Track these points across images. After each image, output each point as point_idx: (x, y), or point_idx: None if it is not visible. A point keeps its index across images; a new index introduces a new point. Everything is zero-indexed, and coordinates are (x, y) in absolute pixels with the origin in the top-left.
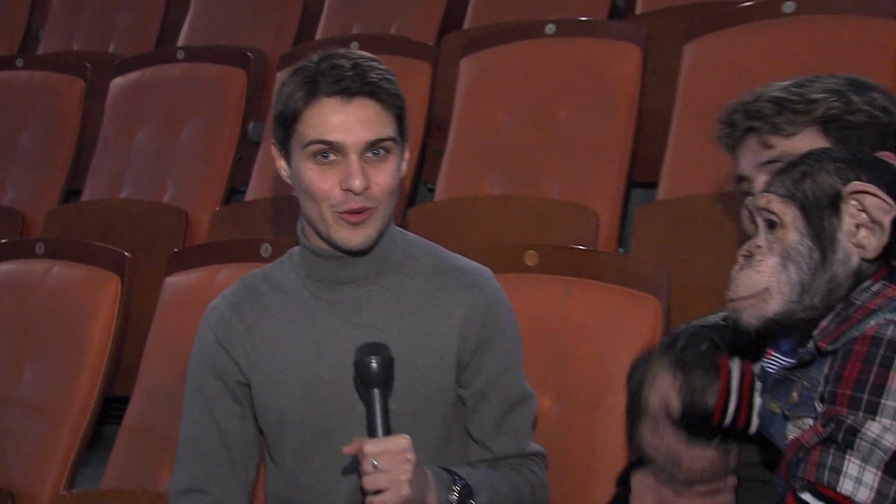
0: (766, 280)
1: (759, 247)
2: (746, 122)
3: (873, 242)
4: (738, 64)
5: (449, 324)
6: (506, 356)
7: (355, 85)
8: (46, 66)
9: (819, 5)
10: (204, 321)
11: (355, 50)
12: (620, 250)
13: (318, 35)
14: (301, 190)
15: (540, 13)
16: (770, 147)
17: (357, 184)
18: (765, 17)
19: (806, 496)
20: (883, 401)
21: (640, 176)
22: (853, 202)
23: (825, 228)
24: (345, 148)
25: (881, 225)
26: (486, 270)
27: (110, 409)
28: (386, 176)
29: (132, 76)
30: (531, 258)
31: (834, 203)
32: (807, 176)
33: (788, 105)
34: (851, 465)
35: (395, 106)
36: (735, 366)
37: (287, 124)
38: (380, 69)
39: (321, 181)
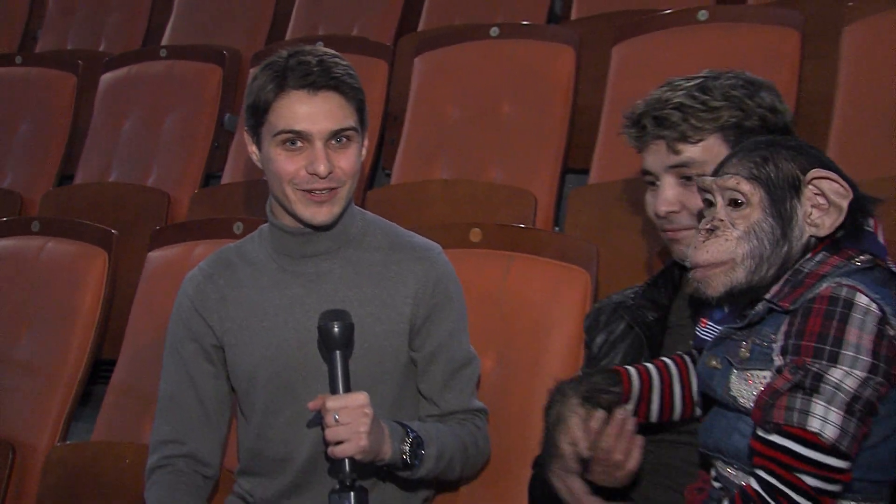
0: (733, 251)
1: (722, 220)
2: (656, 129)
3: (827, 222)
4: (660, 64)
5: (403, 294)
6: (453, 323)
7: (321, 79)
8: (42, 62)
9: (729, 15)
10: (182, 290)
11: (321, 48)
12: (556, 228)
13: (288, 35)
14: (270, 172)
15: (486, 17)
16: (678, 153)
17: (322, 168)
18: (682, 24)
19: (773, 437)
20: (843, 350)
21: (574, 163)
22: (811, 187)
23: (787, 209)
24: (311, 136)
25: (839, 207)
26: (436, 246)
27: (99, 370)
28: (348, 161)
29: (120, 72)
30: (476, 235)
31: (795, 186)
32: (768, 161)
33: (693, 114)
34: (818, 407)
35: (356, 98)
36: (634, 374)
37: (258, 114)
38: (343, 65)
39: (288, 164)
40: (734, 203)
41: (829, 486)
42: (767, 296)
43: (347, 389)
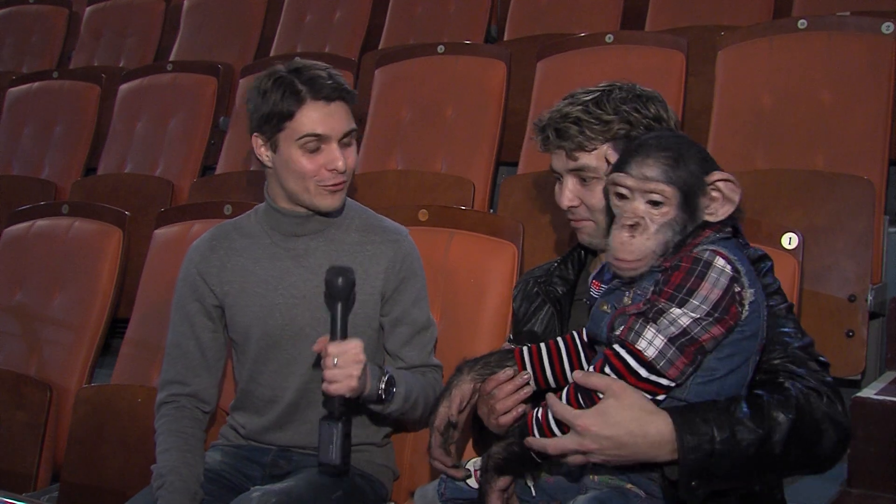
0: (651, 246)
1: (642, 217)
2: (557, 140)
3: (720, 212)
4: (575, 76)
5: (375, 269)
6: (416, 293)
7: (335, 92)
8: (74, 76)
9: (630, 39)
10: (188, 256)
11: (312, 62)
12: (490, 210)
13: (272, 52)
14: (289, 171)
15: (434, 37)
16: (575, 160)
17: (341, 164)
18: (593, 45)
19: (616, 348)
20: (691, 299)
21: (505, 156)
22: (714, 185)
23: (692, 204)
24: (329, 138)
25: (732, 201)
26: (404, 229)
27: (116, 326)
28: (353, 156)
29: (135, 83)
30: (423, 215)
31: (701, 186)
32: (680, 163)
33: (588, 127)
34: (649, 332)
35: (353, 105)
36: (526, 352)
37: (277, 122)
38: (342, 77)
39: (310, 164)
40: (653, 202)
41: (647, 385)
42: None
43: (345, 336)
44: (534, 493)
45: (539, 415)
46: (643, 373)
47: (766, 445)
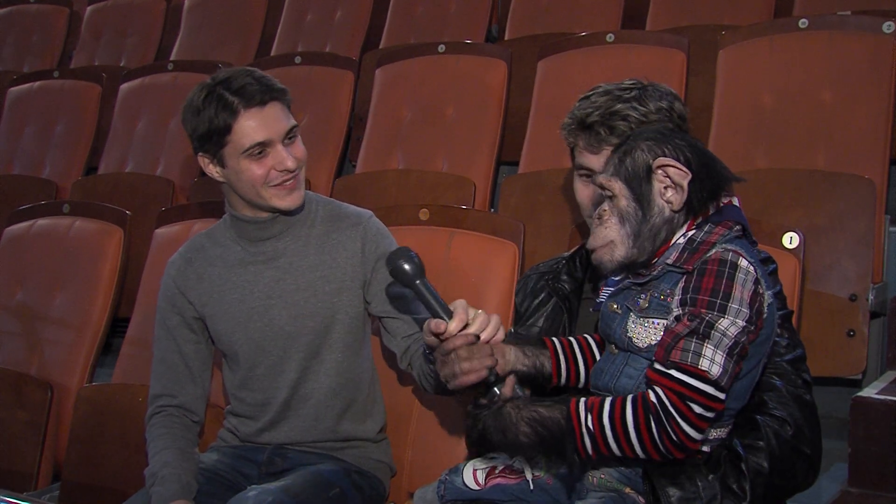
0: (612, 234)
1: (606, 210)
2: (610, 137)
3: (677, 199)
4: (576, 76)
5: (344, 256)
6: None
7: (266, 95)
8: (74, 76)
9: (631, 38)
10: (166, 272)
11: (241, 67)
12: (491, 209)
13: (273, 51)
14: (241, 182)
15: (435, 37)
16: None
17: (290, 164)
18: (594, 44)
19: (671, 371)
20: (730, 304)
21: (507, 156)
22: (660, 172)
23: (643, 193)
24: (272, 142)
25: (681, 187)
26: (368, 212)
27: (117, 325)
28: (299, 149)
29: (135, 83)
30: (424, 214)
31: (647, 174)
32: (627, 155)
33: (635, 122)
34: (708, 350)
35: (288, 101)
36: (558, 343)
37: (217, 138)
38: (271, 77)
39: (260, 169)
40: (609, 196)
41: (709, 413)
42: (669, 261)
43: (445, 309)
44: (532, 489)
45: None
46: (711, 391)
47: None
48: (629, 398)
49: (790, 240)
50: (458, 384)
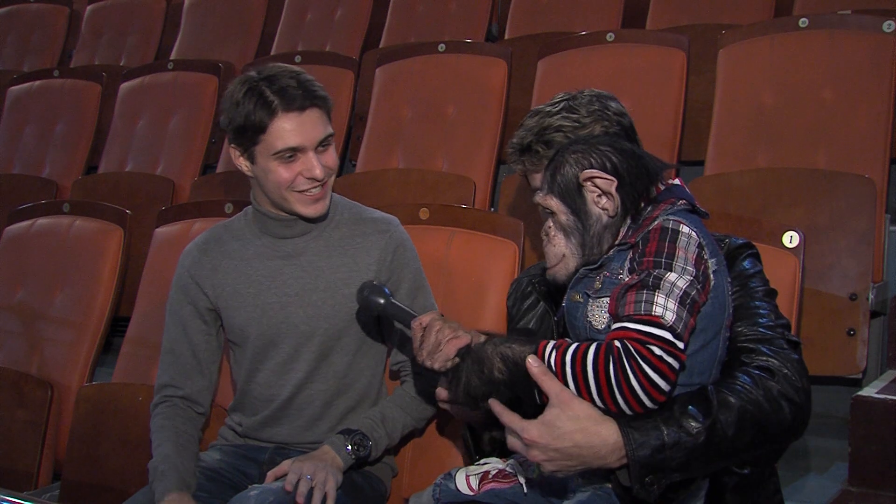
0: (561, 249)
1: (550, 227)
2: (547, 151)
3: (611, 205)
4: (576, 75)
5: (367, 261)
6: (414, 279)
7: (306, 101)
8: (74, 75)
9: (631, 37)
10: (180, 261)
11: (288, 66)
12: (491, 209)
13: (273, 51)
14: (268, 182)
15: (435, 36)
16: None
17: (318, 173)
18: (594, 43)
19: (625, 323)
20: (675, 262)
21: (506, 155)
22: (588, 184)
23: (578, 206)
24: (304, 148)
25: (610, 194)
26: (394, 219)
27: (117, 325)
28: (331, 158)
29: (135, 82)
30: (424, 213)
31: (578, 186)
32: (557, 171)
33: (571, 131)
34: (660, 298)
35: (328, 109)
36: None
37: (251, 136)
38: (316, 83)
39: (287, 173)
40: (549, 213)
41: (670, 358)
42: (616, 241)
43: (412, 314)
44: (525, 492)
45: (553, 359)
46: (669, 337)
47: (716, 431)
48: (595, 342)
49: (790, 239)
50: (444, 354)
